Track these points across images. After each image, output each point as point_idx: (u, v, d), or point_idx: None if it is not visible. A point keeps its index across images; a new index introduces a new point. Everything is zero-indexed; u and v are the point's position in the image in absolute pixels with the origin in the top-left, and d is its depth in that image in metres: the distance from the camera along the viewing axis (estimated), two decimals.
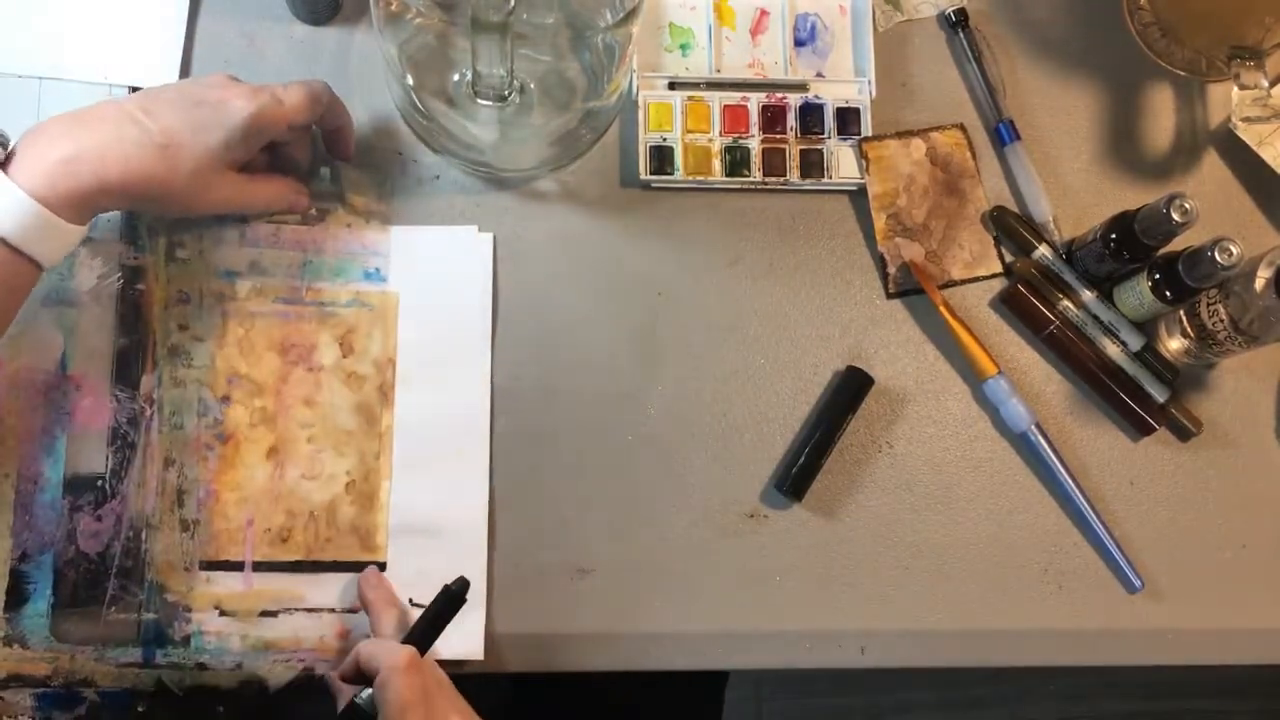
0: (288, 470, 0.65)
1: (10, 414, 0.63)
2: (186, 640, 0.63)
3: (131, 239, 0.67)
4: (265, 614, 0.64)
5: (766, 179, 0.72)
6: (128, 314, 0.66)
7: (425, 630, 0.60)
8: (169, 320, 0.66)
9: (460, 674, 0.63)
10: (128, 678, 0.62)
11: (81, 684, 0.62)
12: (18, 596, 0.62)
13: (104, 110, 0.58)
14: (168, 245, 0.67)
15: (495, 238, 0.70)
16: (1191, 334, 0.71)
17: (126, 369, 0.65)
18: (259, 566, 0.64)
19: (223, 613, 0.63)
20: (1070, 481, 0.70)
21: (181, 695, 0.62)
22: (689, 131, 0.72)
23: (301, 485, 0.65)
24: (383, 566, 0.65)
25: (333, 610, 0.64)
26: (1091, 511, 0.70)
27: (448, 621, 0.61)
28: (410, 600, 0.64)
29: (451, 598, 0.61)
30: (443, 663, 0.61)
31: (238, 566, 0.64)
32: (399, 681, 0.55)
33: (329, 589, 0.64)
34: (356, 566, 0.65)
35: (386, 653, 0.57)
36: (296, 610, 0.64)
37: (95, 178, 0.56)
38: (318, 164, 0.69)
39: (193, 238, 0.67)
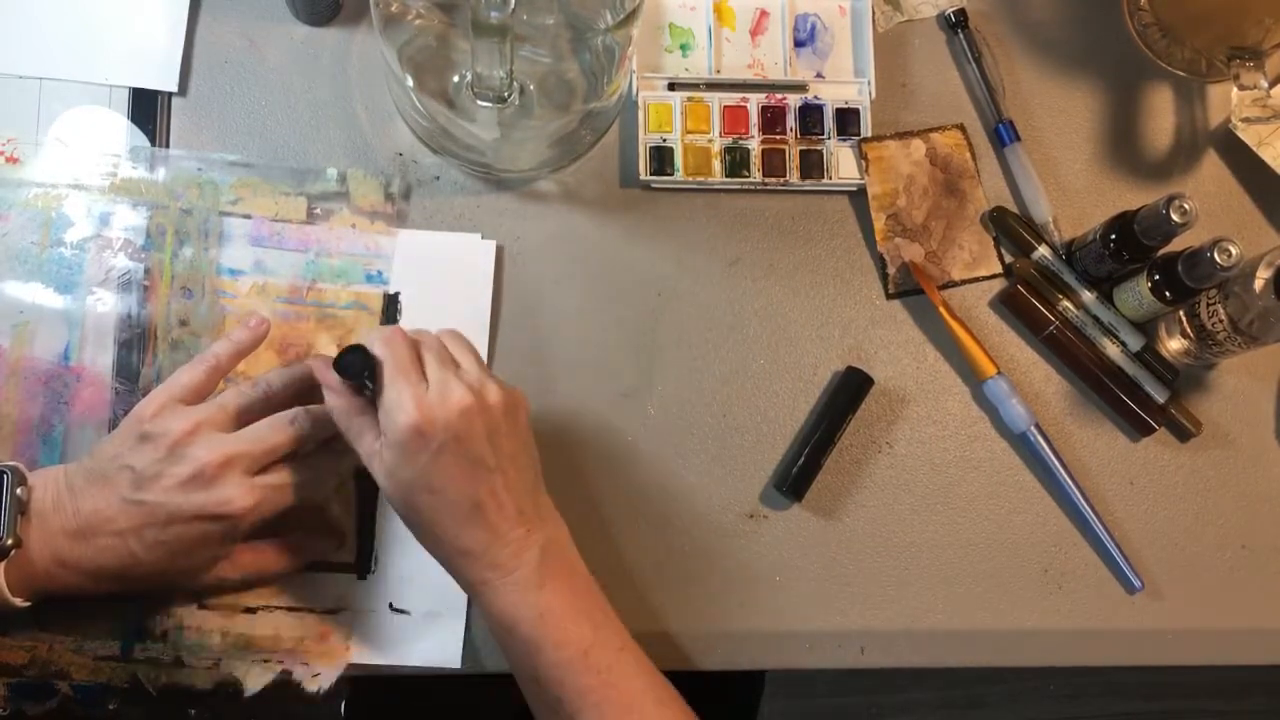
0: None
1: (9, 402, 0.63)
2: (165, 635, 0.62)
3: (140, 234, 0.67)
4: (246, 610, 0.63)
5: (766, 180, 0.72)
6: (132, 307, 0.66)
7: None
8: (171, 315, 0.66)
9: (474, 672, 0.63)
10: (103, 671, 0.61)
11: (56, 676, 0.61)
12: None
13: (112, 516, 0.55)
14: (175, 241, 0.67)
15: (499, 246, 0.69)
16: (1191, 334, 0.71)
17: (127, 361, 0.65)
18: None
19: (203, 605, 0.63)
20: (1070, 481, 0.70)
21: (155, 694, 0.61)
22: (689, 132, 0.72)
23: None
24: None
25: (313, 611, 0.64)
26: (1091, 511, 0.70)
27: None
28: (391, 605, 0.64)
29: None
30: (417, 671, 0.61)
31: None
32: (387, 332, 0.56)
33: (312, 589, 0.64)
34: (342, 568, 0.64)
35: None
36: (278, 608, 0.63)
37: (66, 588, 0.56)
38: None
39: (199, 234, 0.67)
